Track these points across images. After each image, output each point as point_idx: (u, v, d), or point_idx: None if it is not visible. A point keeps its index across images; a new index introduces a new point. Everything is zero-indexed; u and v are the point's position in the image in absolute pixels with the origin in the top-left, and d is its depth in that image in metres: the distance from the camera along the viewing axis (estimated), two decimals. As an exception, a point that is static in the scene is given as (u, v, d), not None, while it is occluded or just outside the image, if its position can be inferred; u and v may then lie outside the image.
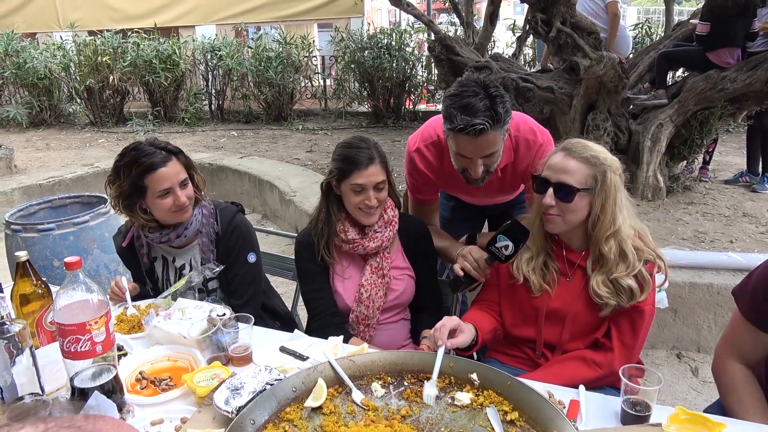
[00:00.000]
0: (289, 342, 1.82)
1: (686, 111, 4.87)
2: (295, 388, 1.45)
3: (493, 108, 1.81)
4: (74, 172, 6.70)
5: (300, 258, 2.15)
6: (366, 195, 1.97)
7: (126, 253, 2.26)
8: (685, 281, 3.39)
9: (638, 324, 1.76)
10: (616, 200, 1.72)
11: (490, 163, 1.97)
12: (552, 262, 1.85)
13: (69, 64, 9.89)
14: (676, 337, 3.49)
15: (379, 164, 1.98)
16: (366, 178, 1.96)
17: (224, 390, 1.43)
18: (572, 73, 4.75)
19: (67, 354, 1.39)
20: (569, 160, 1.72)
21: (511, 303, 1.94)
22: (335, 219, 2.07)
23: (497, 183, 2.21)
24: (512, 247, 1.80)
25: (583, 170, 1.71)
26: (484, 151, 1.91)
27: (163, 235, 2.10)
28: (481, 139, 1.84)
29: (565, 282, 1.84)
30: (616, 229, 1.72)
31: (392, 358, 1.58)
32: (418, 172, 2.26)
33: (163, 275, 2.23)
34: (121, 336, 1.84)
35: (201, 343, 1.69)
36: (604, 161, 1.72)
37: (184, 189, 2.04)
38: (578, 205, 1.72)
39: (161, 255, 2.23)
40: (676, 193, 5.04)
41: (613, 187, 1.71)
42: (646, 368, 1.48)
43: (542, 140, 2.13)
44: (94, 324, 1.38)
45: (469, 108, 1.81)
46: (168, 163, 2.00)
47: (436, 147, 2.20)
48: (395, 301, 2.14)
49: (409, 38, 9.59)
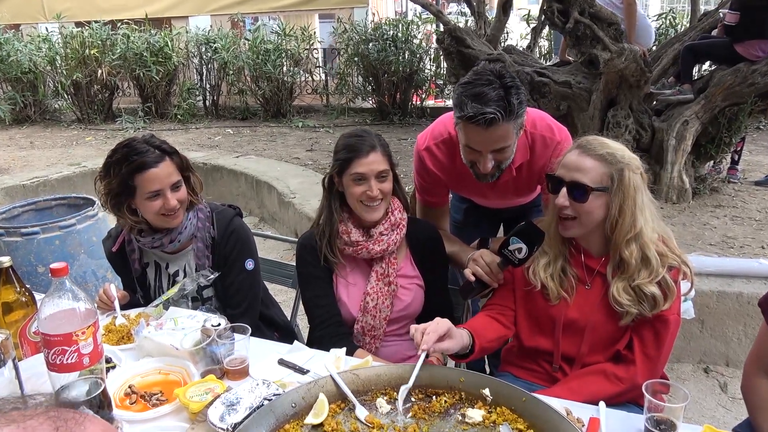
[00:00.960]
0: (289, 354, 1.83)
1: (713, 107, 4.85)
2: (295, 403, 1.45)
3: (507, 98, 1.82)
4: (60, 172, 6.73)
5: (302, 262, 2.15)
6: (367, 185, 1.98)
7: (116, 259, 2.26)
8: (713, 290, 3.37)
9: (662, 334, 1.76)
10: (636, 201, 1.71)
11: (501, 158, 1.97)
12: (570, 268, 1.85)
13: (55, 57, 9.94)
14: (703, 350, 3.48)
15: (381, 153, 1.99)
16: (367, 166, 1.97)
17: (219, 405, 1.44)
18: (591, 67, 4.75)
19: (52, 366, 1.40)
20: (584, 158, 1.73)
21: (526, 311, 1.94)
22: (337, 218, 2.07)
23: (512, 183, 2.21)
24: (526, 250, 1.80)
25: (599, 168, 1.71)
26: (494, 144, 1.91)
27: (155, 239, 2.11)
28: (492, 130, 1.85)
29: (584, 290, 1.84)
30: (637, 232, 1.71)
31: (399, 371, 1.58)
32: (428, 173, 2.26)
33: (155, 282, 2.24)
34: (110, 347, 1.84)
35: (194, 355, 1.70)
36: (621, 159, 1.72)
37: (176, 192, 2.04)
38: (593, 206, 1.72)
39: (154, 261, 2.23)
40: (703, 195, 5.02)
41: (632, 187, 1.71)
42: (672, 383, 1.47)
43: (560, 138, 2.13)
44: (81, 334, 1.39)
45: (481, 96, 1.81)
46: (160, 164, 2.00)
47: (447, 145, 2.20)
48: (402, 312, 2.13)
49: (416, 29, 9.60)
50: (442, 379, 1.56)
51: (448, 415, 1.48)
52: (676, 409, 1.41)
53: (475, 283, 1.93)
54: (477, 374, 1.57)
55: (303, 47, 9.87)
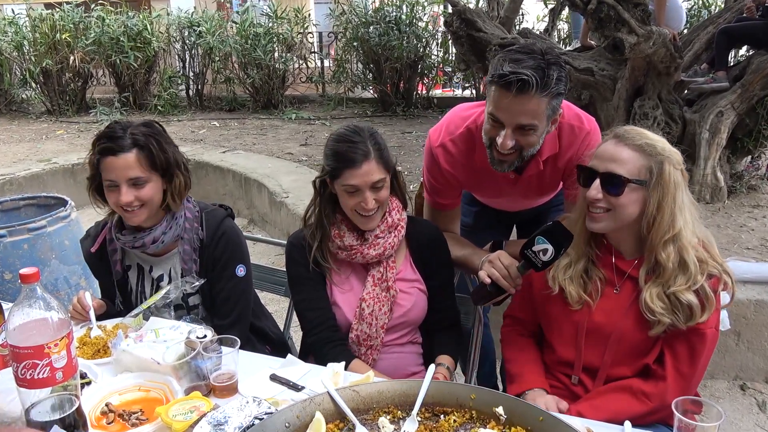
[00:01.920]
0: (282, 369, 1.83)
1: (751, 97, 4.85)
2: (289, 423, 1.45)
3: (546, 70, 1.85)
4: (28, 168, 6.76)
5: (292, 263, 2.16)
6: (362, 197, 1.98)
7: (95, 260, 2.27)
8: (751, 299, 3.37)
9: (698, 349, 1.75)
10: (676, 199, 1.72)
11: (524, 142, 1.97)
12: (596, 270, 1.85)
13: (22, 42, 10.00)
14: (739, 365, 3.48)
15: (376, 160, 1.97)
16: (360, 178, 1.96)
17: (205, 425, 1.44)
18: (616, 52, 4.75)
19: (22, 382, 1.40)
20: (621, 148, 1.74)
21: (544, 317, 1.95)
22: (328, 222, 2.08)
23: (537, 178, 2.21)
24: (552, 251, 1.79)
25: (637, 160, 1.72)
26: (520, 117, 1.91)
27: (136, 239, 2.12)
28: (522, 99, 1.86)
29: (612, 294, 1.84)
30: (675, 232, 1.71)
31: (403, 388, 1.58)
32: (441, 172, 2.27)
33: (137, 287, 2.25)
34: (84, 361, 1.84)
35: (177, 370, 1.70)
36: (662, 151, 1.72)
37: (134, 188, 2.03)
38: (629, 200, 1.73)
39: (136, 263, 2.25)
40: (739, 194, 5.02)
41: (672, 183, 1.71)
42: (704, 401, 1.48)
43: (589, 127, 2.15)
44: (54, 347, 1.39)
45: (519, 61, 1.86)
46: (121, 154, 2.00)
47: (464, 140, 2.21)
48: (402, 318, 2.14)
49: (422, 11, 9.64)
50: (452, 396, 1.56)
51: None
52: (709, 428, 1.41)
53: (490, 287, 1.93)
54: (489, 391, 1.57)
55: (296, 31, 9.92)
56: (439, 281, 2.20)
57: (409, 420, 1.51)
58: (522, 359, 1.98)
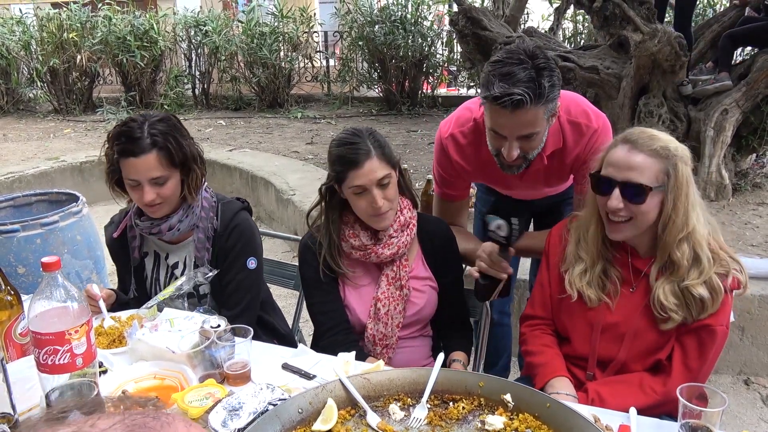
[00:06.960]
0: (293, 359, 1.86)
1: (756, 94, 4.85)
2: (302, 409, 1.49)
3: (538, 80, 1.83)
4: (36, 167, 6.81)
5: (305, 265, 2.18)
6: (370, 196, 1.99)
7: (116, 246, 2.33)
8: (755, 294, 3.39)
9: (707, 346, 1.77)
10: (689, 196, 1.73)
11: (528, 147, 1.99)
12: (614, 269, 1.87)
13: (30, 41, 10.04)
14: (743, 360, 3.50)
15: (378, 157, 1.98)
16: (365, 177, 1.97)
17: (221, 410, 1.47)
18: (621, 50, 4.77)
19: (43, 367, 1.44)
20: (636, 155, 1.72)
21: (560, 314, 1.97)
22: (334, 228, 2.11)
23: (543, 172, 2.23)
24: (505, 224, 1.86)
25: (654, 165, 1.71)
26: (521, 130, 1.93)
27: (153, 225, 2.17)
28: (519, 114, 1.86)
29: (628, 293, 1.86)
30: (689, 230, 1.72)
31: (413, 376, 1.61)
32: (450, 163, 2.29)
33: (152, 273, 2.30)
34: (101, 351, 1.87)
35: (192, 358, 1.73)
36: (675, 152, 1.72)
37: (156, 187, 2.08)
38: (650, 206, 1.73)
39: (153, 250, 2.30)
40: (744, 191, 5.03)
41: (685, 182, 1.72)
42: (707, 387, 1.50)
43: (597, 125, 2.14)
44: (75, 333, 1.43)
45: (509, 76, 1.83)
46: (142, 156, 2.04)
47: (473, 132, 2.22)
48: (415, 316, 2.17)
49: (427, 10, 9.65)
50: (460, 383, 1.59)
51: (466, 422, 1.51)
52: (714, 414, 1.43)
53: (482, 279, 1.97)
54: (497, 379, 1.60)
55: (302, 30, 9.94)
56: (449, 277, 2.23)
57: (419, 407, 1.55)
58: (546, 351, 1.99)
